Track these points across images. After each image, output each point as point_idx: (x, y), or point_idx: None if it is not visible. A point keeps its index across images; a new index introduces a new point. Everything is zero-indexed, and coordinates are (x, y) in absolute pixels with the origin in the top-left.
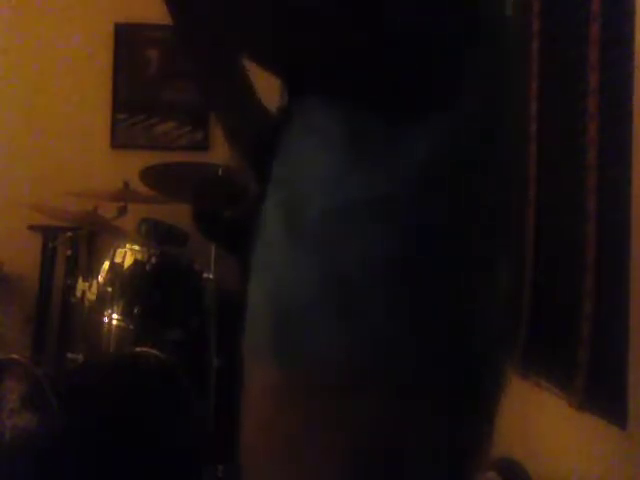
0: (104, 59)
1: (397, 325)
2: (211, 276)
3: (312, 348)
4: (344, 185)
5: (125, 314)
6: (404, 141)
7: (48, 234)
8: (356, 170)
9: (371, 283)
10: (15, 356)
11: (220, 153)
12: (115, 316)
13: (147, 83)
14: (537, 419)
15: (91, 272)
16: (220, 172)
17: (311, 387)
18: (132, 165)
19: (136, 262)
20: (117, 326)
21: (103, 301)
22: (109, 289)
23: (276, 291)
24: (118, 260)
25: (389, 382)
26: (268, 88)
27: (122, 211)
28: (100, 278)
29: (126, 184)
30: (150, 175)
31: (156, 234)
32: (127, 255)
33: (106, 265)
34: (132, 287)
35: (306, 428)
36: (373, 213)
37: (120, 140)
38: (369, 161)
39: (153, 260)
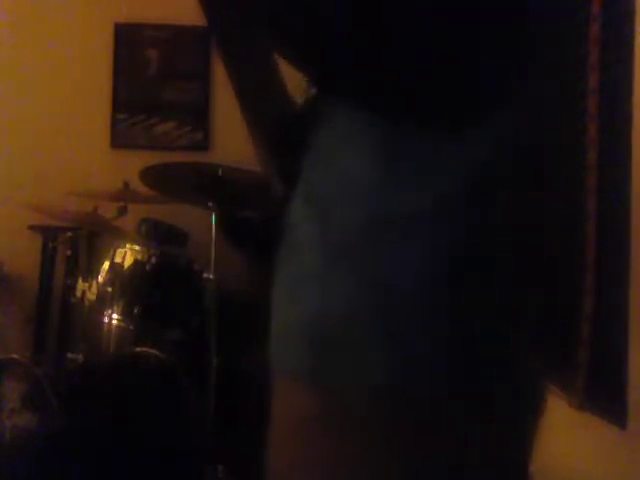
0: (104, 59)
1: (446, 353)
2: (211, 276)
3: (355, 375)
4: (386, 196)
5: (125, 314)
6: (442, 156)
7: (48, 234)
8: (391, 184)
9: (418, 307)
10: (15, 356)
11: (220, 153)
12: (115, 316)
13: (147, 83)
14: None
15: (91, 272)
16: (220, 172)
17: (353, 417)
18: (132, 165)
19: (136, 262)
20: (117, 326)
21: (103, 301)
22: (109, 289)
23: (313, 310)
24: (118, 260)
25: (442, 415)
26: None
27: (122, 211)
28: (100, 278)
29: (126, 184)
30: (150, 175)
31: (156, 234)
32: (127, 255)
33: (106, 265)
34: (132, 287)
35: (345, 461)
36: (416, 221)
37: (120, 140)
38: (404, 176)
39: (153, 260)
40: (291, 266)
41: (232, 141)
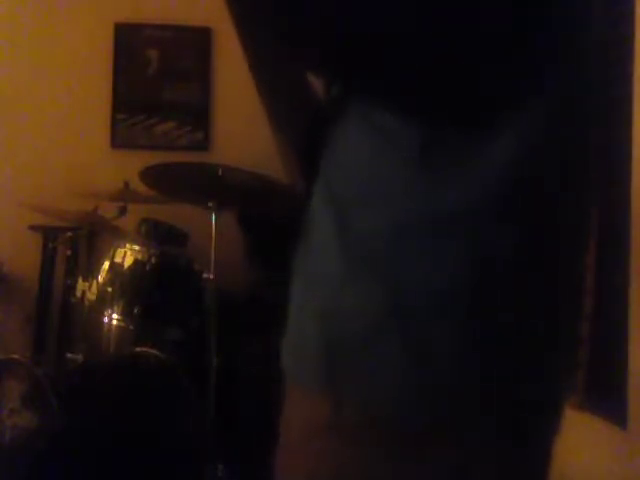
0: (104, 59)
1: (466, 365)
2: (211, 276)
3: (369, 382)
4: (408, 200)
5: (125, 314)
6: (474, 157)
7: (48, 234)
8: (424, 183)
9: (438, 314)
10: (15, 356)
11: (220, 153)
12: (115, 316)
13: (147, 83)
14: None
15: (91, 272)
16: (220, 172)
17: (367, 424)
18: (132, 165)
19: (136, 262)
20: (117, 326)
21: (103, 301)
22: (109, 289)
23: (330, 314)
24: (118, 260)
25: (456, 429)
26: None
27: (122, 211)
28: (100, 278)
29: (126, 184)
30: (150, 175)
31: (156, 234)
32: (127, 255)
33: (106, 265)
34: (132, 287)
35: (358, 467)
36: (436, 233)
37: (120, 140)
38: (438, 175)
39: (153, 260)
40: (307, 267)
41: (232, 141)
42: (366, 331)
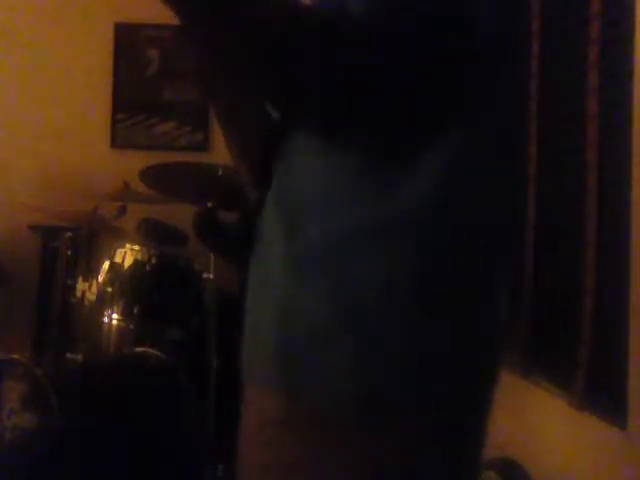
0: (104, 59)
1: (413, 356)
2: (211, 276)
3: (321, 379)
4: (355, 205)
5: (125, 314)
6: (415, 164)
7: (48, 234)
8: (367, 190)
9: (384, 311)
10: (15, 356)
11: (220, 153)
12: (115, 316)
13: (147, 83)
14: (537, 419)
15: (91, 272)
16: (220, 172)
17: (317, 420)
18: (132, 165)
19: (136, 262)
20: (117, 326)
21: (103, 301)
22: (109, 289)
23: (282, 315)
24: (118, 260)
25: (405, 416)
26: None
27: (122, 211)
28: (100, 278)
29: (126, 184)
30: (150, 175)
31: (156, 234)
32: (127, 255)
33: (106, 265)
34: (132, 287)
35: (307, 461)
36: (383, 234)
37: (120, 140)
38: (382, 182)
39: (153, 260)
40: (260, 270)
41: None
42: (317, 331)
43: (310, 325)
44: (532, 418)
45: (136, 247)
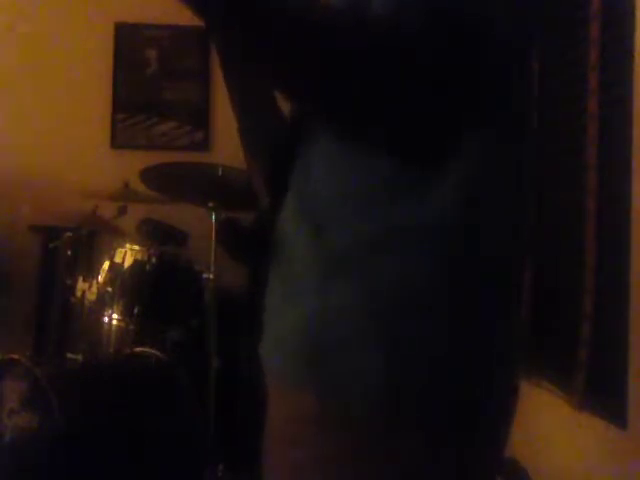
0: (104, 59)
1: (437, 361)
2: (211, 276)
3: (350, 379)
4: (386, 206)
5: (125, 314)
6: (442, 169)
7: (48, 234)
8: (397, 191)
9: (409, 315)
10: (15, 356)
11: (220, 153)
12: (115, 316)
13: (147, 83)
14: (537, 419)
15: (91, 272)
16: (220, 172)
17: (350, 419)
18: (132, 165)
19: (136, 262)
20: (117, 326)
21: (103, 301)
22: (109, 289)
23: (311, 317)
24: (118, 260)
25: (427, 419)
26: None
27: (122, 211)
28: (100, 278)
29: (126, 184)
30: (150, 175)
31: (156, 234)
32: (127, 255)
33: (106, 265)
34: (132, 287)
35: (340, 460)
36: (413, 242)
37: (120, 140)
38: (411, 183)
39: (153, 260)
40: (285, 275)
41: (232, 141)
42: (348, 331)
43: (341, 325)
44: (532, 418)
45: (136, 247)
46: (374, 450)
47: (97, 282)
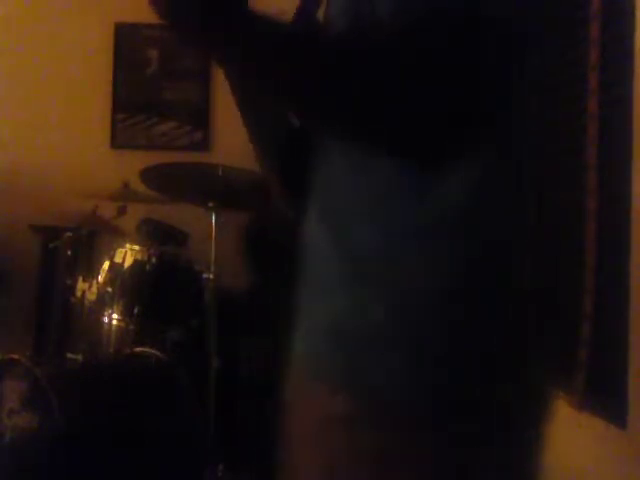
0: (104, 59)
1: (463, 360)
2: (211, 276)
3: (383, 379)
4: (399, 208)
5: (125, 314)
6: (448, 174)
7: (48, 234)
8: (407, 199)
9: (435, 316)
10: (15, 356)
11: (220, 153)
12: (115, 316)
13: (147, 83)
14: None
15: (91, 272)
16: (220, 172)
17: (382, 419)
18: (132, 165)
19: (136, 262)
20: (117, 326)
21: (103, 301)
22: (109, 289)
23: (340, 320)
24: (118, 260)
25: (466, 414)
26: None
27: (122, 211)
28: (100, 278)
29: (126, 184)
30: (150, 175)
31: (156, 234)
32: (127, 255)
33: (106, 265)
34: (132, 287)
35: (372, 460)
36: (413, 242)
37: (120, 140)
38: (412, 190)
39: (153, 260)
40: (311, 276)
41: (232, 141)
42: (378, 330)
43: (366, 320)
44: None
45: (136, 247)
46: (406, 450)
47: (97, 282)
